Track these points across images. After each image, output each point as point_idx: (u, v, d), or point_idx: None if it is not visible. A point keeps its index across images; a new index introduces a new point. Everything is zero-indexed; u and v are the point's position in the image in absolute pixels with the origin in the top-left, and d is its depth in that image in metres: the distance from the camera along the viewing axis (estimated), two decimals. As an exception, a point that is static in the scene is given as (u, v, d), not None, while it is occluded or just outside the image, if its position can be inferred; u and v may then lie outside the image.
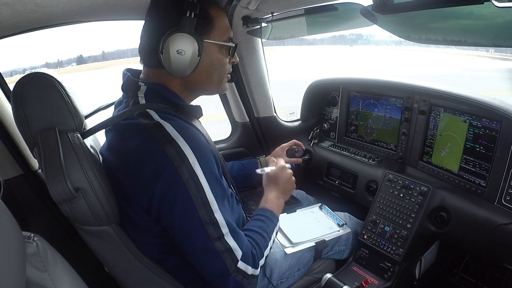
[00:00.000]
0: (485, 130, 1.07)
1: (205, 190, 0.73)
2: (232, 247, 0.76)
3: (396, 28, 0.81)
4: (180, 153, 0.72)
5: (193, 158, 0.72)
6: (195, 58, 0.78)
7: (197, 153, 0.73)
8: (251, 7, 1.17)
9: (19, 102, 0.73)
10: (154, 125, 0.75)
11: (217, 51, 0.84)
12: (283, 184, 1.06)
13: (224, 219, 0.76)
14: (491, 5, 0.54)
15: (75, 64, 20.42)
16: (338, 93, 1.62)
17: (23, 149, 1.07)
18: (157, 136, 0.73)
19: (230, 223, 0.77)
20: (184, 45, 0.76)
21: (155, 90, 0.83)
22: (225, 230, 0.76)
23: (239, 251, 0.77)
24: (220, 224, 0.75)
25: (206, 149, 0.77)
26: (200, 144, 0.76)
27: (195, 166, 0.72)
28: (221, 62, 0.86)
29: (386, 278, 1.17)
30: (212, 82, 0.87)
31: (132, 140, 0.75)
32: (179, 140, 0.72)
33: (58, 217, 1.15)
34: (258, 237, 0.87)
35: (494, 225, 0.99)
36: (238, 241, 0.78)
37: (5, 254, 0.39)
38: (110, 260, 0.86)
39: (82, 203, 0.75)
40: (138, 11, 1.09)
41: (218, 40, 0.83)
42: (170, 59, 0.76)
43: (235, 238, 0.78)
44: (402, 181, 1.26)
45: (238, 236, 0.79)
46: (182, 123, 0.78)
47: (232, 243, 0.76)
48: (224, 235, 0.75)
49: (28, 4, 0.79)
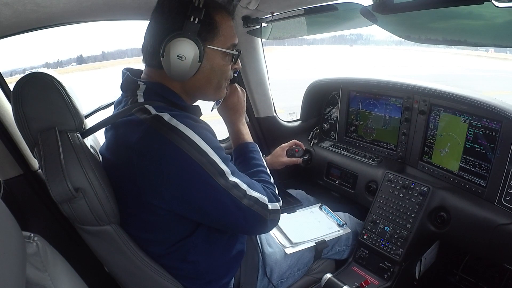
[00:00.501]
0: (485, 130, 1.07)
1: (217, 162, 0.75)
2: (257, 197, 0.82)
3: (396, 28, 0.81)
4: (184, 137, 0.72)
5: (198, 138, 0.73)
6: (196, 64, 0.78)
7: (199, 133, 0.74)
8: (251, 7, 1.17)
9: (19, 102, 0.73)
10: (153, 118, 0.74)
11: (220, 57, 0.83)
12: (242, 109, 1.07)
13: (239, 179, 0.80)
14: (491, 5, 0.55)
15: (75, 64, 20.46)
16: (338, 93, 1.62)
17: (23, 149, 1.07)
18: (157, 126, 0.72)
19: (244, 179, 0.81)
20: (185, 50, 0.75)
21: (154, 89, 0.82)
22: (244, 186, 0.80)
23: (263, 197, 0.83)
24: (239, 184, 0.79)
25: (204, 129, 0.78)
26: (199, 126, 0.77)
27: (201, 144, 0.73)
28: (223, 69, 0.85)
29: (386, 278, 1.17)
30: (211, 87, 0.86)
31: (133, 135, 0.74)
32: (179, 126, 0.73)
33: (58, 217, 1.15)
34: (262, 175, 0.94)
35: (494, 225, 0.99)
36: (258, 190, 0.84)
37: (5, 254, 0.39)
38: (110, 260, 0.86)
39: (82, 203, 0.75)
40: (138, 11, 1.09)
41: (221, 46, 0.82)
42: (170, 63, 0.76)
43: (255, 189, 0.83)
44: (402, 181, 1.26)
45: (255, 186, 0.84)
46: (180, 113, 0.78)
47: (255, 194, 0.82)
48: (246, 191, 0.80)
49: (28, 4, 0.79)
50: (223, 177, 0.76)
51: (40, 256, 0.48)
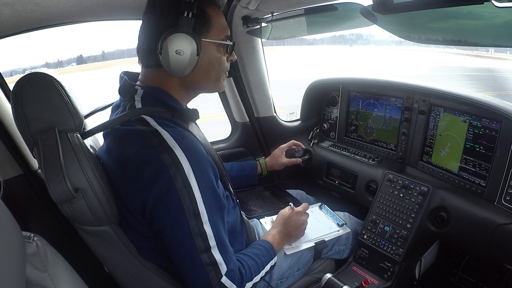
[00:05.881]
0: (485, 130, 1.07)
1: (197, 200, 0.74)
2: (217, 260, 0.77)
3: (396, 28, 0.81)
4: (175, 161, 0.72)
5: (188, 167, 0.73)
6: (194, 57, 0.79)
7: (193, 162, 0.74)
8: (251, 7, 1.17)
9: (19, 102, 0.73)
10: (151, 132, 0.75)
11: (215, 50, 0.85)
12: (291, 228, 1.08)
13: (213, 231, 0.76)
14: (491, 5, 0.54)
15: (75, 64, 20.46)
16: (338, 93, 1.62)
17: (23, 149, 1.07)
18: (154, 143, 0.74)
19: (220, 236, 0.78)
20: (182, 45, 0.76)
21: (152, 93, 0.83)
22: (213, 242, 0.76)
23: (224, 266, 0.78)
24: (209, 236, 0.75)
25: (203, 158, 0.77)
26: (196, 153, 0.76)
27: (190, 175, 0.73)
28: (219, 61, 0.86)
29: (386, 278, 1.17)
30: (210, 80, 0.87)
31: (130, 147, 0.76)
32: (175, 149, 0.73)
33: (58, 217, 1.15)
34: (250, 261, 0.89)
35: (494, 225, 0.99)
36: (225, 256, 0.78)
37: (5, 254, 0.39)
38: (110, 260, 0.86)
39: (82, 203, 0.75)
40: (138, 11, 1.08)
41: (215, 38, 0.83)
42: (169, 60, 0.76)
43: (222, 252, 0.78)
44: (402, 181, 1.26)
45: (226, 251, 0.79)
46: (179, 131, 0.78)
47: (218, 257, 0.77)
48: (211, 247, 0.76)
49: (28, 4, 0.79)
50: (196, 219, 0.74)
51: (40, 256, 0.48)
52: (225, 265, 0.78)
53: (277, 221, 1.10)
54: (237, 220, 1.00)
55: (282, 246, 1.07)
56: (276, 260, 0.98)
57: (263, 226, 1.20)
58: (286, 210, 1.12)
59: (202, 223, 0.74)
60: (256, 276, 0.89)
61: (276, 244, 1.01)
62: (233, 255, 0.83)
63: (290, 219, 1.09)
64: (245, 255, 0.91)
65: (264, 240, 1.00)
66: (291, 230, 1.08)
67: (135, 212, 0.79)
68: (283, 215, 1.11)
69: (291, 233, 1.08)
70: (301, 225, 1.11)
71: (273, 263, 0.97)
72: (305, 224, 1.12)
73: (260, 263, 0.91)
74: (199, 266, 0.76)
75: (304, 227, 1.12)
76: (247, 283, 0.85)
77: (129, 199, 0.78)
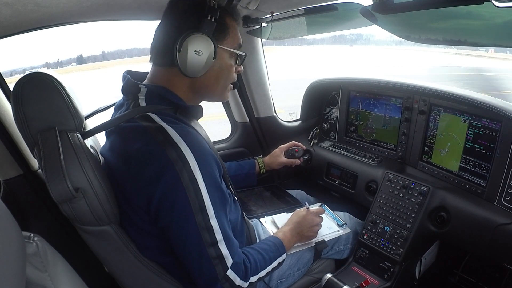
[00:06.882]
0: (485, 130, 1.07)
1: (203, 195, 0.74)
2: (224, 254, 0.78)
3: (396, 28, 0.81)
4: (181, 156, 0.72)
5: (194, 162, 0.73)
6: (210, 60, 0.80)
7: (198, 157, 0.74)
8: (251, 7, 1.17)
9: (19, 102, 0.73)
10: (156, 128, 0.75)
11: (228, 58, 0.87)
12: (304, 227, 1.09)
13: (219, 225, 0.77)
14: (491, 5, 0.54)
15: (75, 64, 20.45)
16: (338, 93, 1.62)
17: (23, 149, 1.07)
18: (159, 139, 0.74)
19: (225, 230, 0.79)
20: (202, 45, 0.78)
21: (155, 91, 0.83)
22: (219, 236, 0.77)
23: (230, 259, 0.79)
24: (215, 230, 0.76)
25: (208, 154, 0.78)
26: (201, 148, 0.77)
27: (195, 170, 0.73)
28: (230, 69, 0.89)
29: (386, 278, 1.17)
30: (218, 87, 0.89)
31: (134, 143, 0.76)
32: (181, 144, 0.73)
33: (58, 217, 1.15)
34: (257, 255, 0.89)
35: (494, 225, 0.99)
36: (231, 249, 0.80)
37: (5, 254, 0.38)
38: (110, 260, 0.86)
39: (82, 203, 0.75)
40: (138, 11, 1.09)
41: (230, 47, 0.86)
42: (187, 58, 0.78)
43: (228, 245, 0.79)
44: (402, 181, 1.26)
45: (231, 244, 0.80)
46: (184, 127, 0.79)
47: (225, 251, 0.78)
48: (218, 241, 0.77)
49: (28, 4, 0.79)
50: (202, 214, 0.75)
51: (40, 256, 0.48)
52: (231, 258, 0.79)
53: (291, 219, 1.11)
54: (238, 219, 1.00)
55: (293, 245, 1.06)
56: (285, 257, 0.98)
57: (263, 226, 1.20)
58: (301, 209, 1.13)
59: (209, 218, 0.75)
60: (262, 270, 0.89)
61: (286, 242, 1.01)
62: (238, 248, 0.84)
63: (304, 218, 1.10)
64: (253, 249, 0.91)
65: (274, 236, 1.01)
66: (303, 229, 1.08)
67: (139, 209, 0.78)
68: (298, 214, 1.11)
69: (303, 232, 1.08)
70: (314, 225, 1.10)
71: (282, 260, 0.97)
72: (318, 226, 1.12)
73: (268, 258, 0.92)
74: (206, 260, 0.76)
75: (317, 229, 1.12)
76: (251, 277, 0.85)
77: (134, 196, 0.78)
